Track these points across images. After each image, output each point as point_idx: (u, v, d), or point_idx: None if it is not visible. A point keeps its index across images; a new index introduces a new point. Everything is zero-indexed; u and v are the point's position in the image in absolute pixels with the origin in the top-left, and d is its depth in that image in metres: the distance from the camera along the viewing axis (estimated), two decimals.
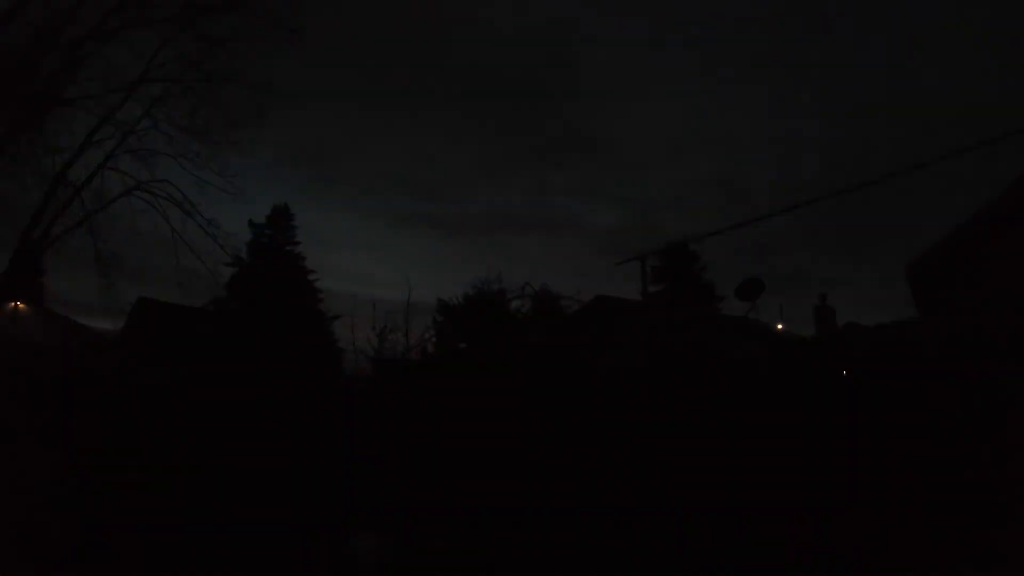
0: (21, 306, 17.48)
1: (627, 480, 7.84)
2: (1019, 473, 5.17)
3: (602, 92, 46.33)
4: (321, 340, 27.90)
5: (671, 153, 44.04)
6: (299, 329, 25.69)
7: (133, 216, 13.13)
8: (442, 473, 9.77)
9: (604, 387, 9.97)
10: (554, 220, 42.51)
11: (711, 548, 6.19)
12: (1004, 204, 6.14)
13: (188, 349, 16.95)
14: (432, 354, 23.30)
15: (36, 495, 7.76)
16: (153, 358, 15.67)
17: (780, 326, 19.61)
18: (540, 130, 47.87)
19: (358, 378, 21.81)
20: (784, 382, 8.62)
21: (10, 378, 9.99)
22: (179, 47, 12.49)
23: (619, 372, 10.54)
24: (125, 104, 12.51)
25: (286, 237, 34.90)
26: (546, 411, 10.36)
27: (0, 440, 8.46)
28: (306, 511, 8.78)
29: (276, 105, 12.92)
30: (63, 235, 12.49)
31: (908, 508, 5.75)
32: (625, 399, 9.28)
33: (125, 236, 13.15)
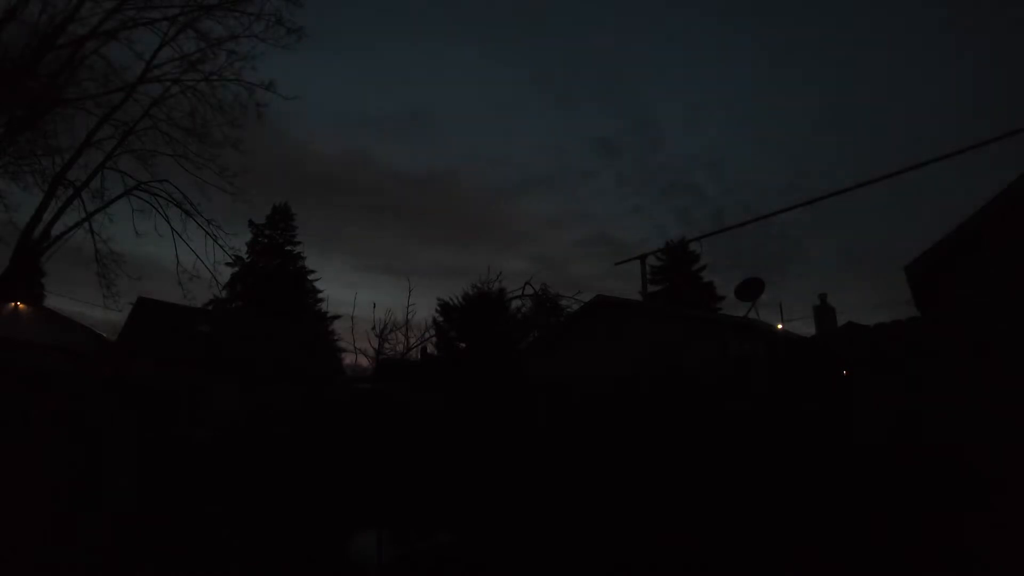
0: (21, 306, 17.47)
1: (626, 479, 7.85)
2: (1017, 467, 5.19)
3: (486, 191, 62.36)
4: (321, 339, 27.97)
5: (552, 225, 58.85)
6: (299, 328, 25.71)
7: (133, 216, 13.21)
8: (442, 472, 9.78)
9: (603, 387, 9.97)
10: (475, 269, 56.09)
11: (711, 544, 6.20)
12: (1004, 204, 6.13)
13: (188, 349, 16.94)
14: (432, 354, 23.29)
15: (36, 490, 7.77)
16: (153, 357, 15.66)
17: (780, 325, 19.61)
18: (447, 221, 61.58)
19: (358, 377, 21.88)
20: (783, 381, 8.62)
21: (10, 378, 9.99)
22: (179, 47, 12.54)
23: (618, 371, 10.54)
24: (125, 104, 12.56)
25: (286, 237, 34.94)
26: (546, 410, 10.38)
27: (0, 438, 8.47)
28: (306, 510, 8.78)
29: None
30: (63, 235, 12.53)
31: (907, 505, 5.76)
32: (625, 398, 9.29)
33: (125, 236, 13.21)
